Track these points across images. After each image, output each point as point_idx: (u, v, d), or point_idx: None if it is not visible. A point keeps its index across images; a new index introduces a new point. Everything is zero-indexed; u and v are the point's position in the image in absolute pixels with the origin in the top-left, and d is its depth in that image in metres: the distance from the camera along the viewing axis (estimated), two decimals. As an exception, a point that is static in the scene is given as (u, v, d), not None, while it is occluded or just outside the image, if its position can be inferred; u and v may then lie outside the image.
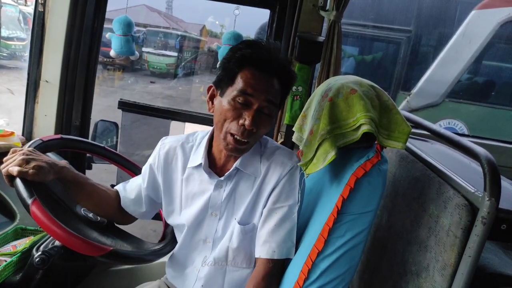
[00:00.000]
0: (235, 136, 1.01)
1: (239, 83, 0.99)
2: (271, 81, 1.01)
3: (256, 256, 1.07)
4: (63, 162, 1.11)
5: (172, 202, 1.16)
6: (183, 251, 1.16)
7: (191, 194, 1.12)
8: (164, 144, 1.18)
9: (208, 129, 1.19)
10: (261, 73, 1.00)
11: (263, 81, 1.00)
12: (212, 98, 1.08)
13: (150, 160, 1.20)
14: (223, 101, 1.02)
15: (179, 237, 1.16)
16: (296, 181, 1.07)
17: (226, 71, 1.02)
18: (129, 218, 1.24)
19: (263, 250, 1.04)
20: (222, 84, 1.03)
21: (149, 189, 1.19)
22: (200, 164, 1.10)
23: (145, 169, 1.20)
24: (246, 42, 1.04)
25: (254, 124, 0.99)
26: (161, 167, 1.16)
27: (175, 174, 1.15)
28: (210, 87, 1.09)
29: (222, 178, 1.09)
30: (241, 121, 0.99)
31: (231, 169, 1.08)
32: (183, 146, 1.16)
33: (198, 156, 1.12)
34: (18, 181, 0.96)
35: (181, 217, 1.14)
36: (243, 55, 1.00)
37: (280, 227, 1.04)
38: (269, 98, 1.00)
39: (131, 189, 1.21)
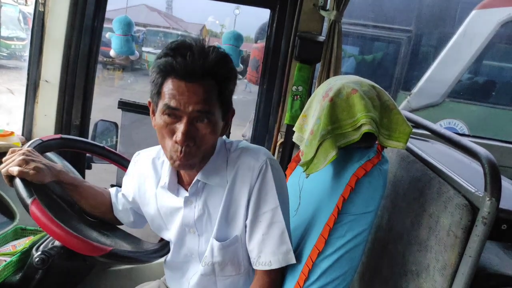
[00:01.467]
0: (175, 154, 0.91)
1: (164, 97, 0.88)
2: (200, 87, 0.87)
3: (254, 267, 1.03)
4: (60, 165, 1.11)
5: (154, 220, 1.14)
6: (175, 261, 1.15)
7: (168, 211, 1.08)
8: (136, 162, 1.16)
9: None
10: (183, 81, 0.87)
11: (188, 89, 0.86)
12: (154, 113, 0.96)
13: (126, 177, 1.19)
14: (157, 117, 0.92)
15: (171, 247, 1.15)
16: (270, 182, 0.97)
17: (152, 84, 0.92)
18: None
19: (259, 263, 1.00)
20: (154, 98, 0.93)
21: (131, 204, 1.19)
22: (165, 184, 1.04)
23: (124, 183, 1.19)
24: (168, 47, 0.90)
25: (188, 138, 0.88)
26: (137, 186, 1.14)
27: (148, 193, 1.11)
28: (149, 103, 0.98)
29: (188, 195, 1.02)
30: (174, 138, 0.89)
31: (193, 183, 1.00)
32: (154, 162, 1.10)
33: (164, 175, 1.05)
34: (18, 181, 0.96)
35: (169, 231, 1.12)
36: (161, 65, 0.88)
37: (268, 235, 0.98)
38: (199, 107, 0.87)
39: (120, 199, 1.20)
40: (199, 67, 0.87)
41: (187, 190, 1.03)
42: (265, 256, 0.99)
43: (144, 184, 1.12)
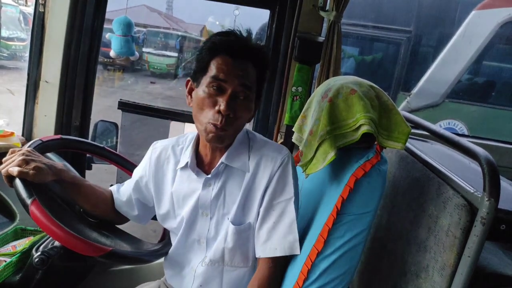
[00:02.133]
0: (214, 124, 0.99)
1: (211, 71, 0.99)
2: (244, 65, 1.00)
3: (257, 256, 1.05)
4: (60, 164, 1.12)
5: (164, 206, 1.15)
6: (179, 251, 1.15)
7: (181, 195, 1.11)
8: (155, 149, 1.18)
9: None
10: (233, 58, 0.99)
11: (235, 66, 0.99)
12: (190, 92, 1.07)
13: (141, 164, 1.20)
14: (199, 91, 1.01)
15: (174, 239, 1.15)
16: (289, 175, 1.04)
17: (199, 62, 1.02)
18: (126, 218, 1.24)
19: (265, 249, 1.03)
20: (197, 75, 1.03)
21: (139, 193, 1.19)
22: (187, 164, 1.09)
23: (136, 172, 1.20)
24: (217, 32, 1.04)
25: (230, 109, 0.97)
26: (152, 172, 1.15)
27: (166, 177, 1.14)
28: (188, 82, 1.09)
29: (209, 176, 1.07)
30: (216, 108, 0.98)
31: (217, 165, 1.06)
32: (173, 148, 1.15)
33: (185, 156, 1.11)
34: (18, 182, 0.96)
35: (175, 220, 1.13)
36: (213, 43, 1.00)
37: (279, 224, 1.03)
38: (243, 82, 0.99)
39: (123, 191, 1.20)
40: (248, 48, 1.01)
41: (205, 173, 1.09)
42: (271, 243, 1.02)
43: (162, 169, 1.15)
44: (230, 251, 1.07)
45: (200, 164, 1.11)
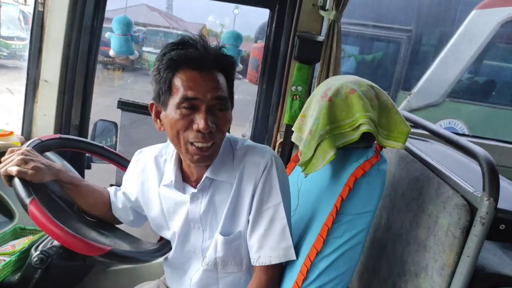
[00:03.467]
0: (197, 144, 0.92)
1: (178, 90, 0.89)
2: (212, 76, 0.91)
3: (253, 264, 1.03)
4: (59, 165, 1.11)
5: (156, 219, 1.14)
6: (177, 259, 1.14)
7: (171, 209, 1.09)
8: (138, 161, 1.15)
9: None
10: (198, 71, 0.89)
11: (203, 79, 0.89)
12: (158, 115, 0.98)
13: (128, 176, 1.18)
14: (169, 114, 0.92)
15: (173, 244, 1.14)
16: (275, 179, 0.99)
17: (160, 83, 0.92)
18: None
19: (259, 258, 1.00)
20: (161, 97, 0.93)
21: (131, 203, 1.19)
22: (171, 182, 1.05)
23: (125, 183, 1.19)
24: (171, 44, 0.93)
25: (211, 124, 0.90)
26: (139, 186, 1.14)
27: (151, 191, 1.11)
28: (151, 105, 0.98)
29: (196, 191, 1.03)
30: (194, 127, 0.90)
31: (203, 180, 1.01)
32: (156, 160, 1.11)
33: (169, 172, 1.06)
34: (17, 181, 0.96)
35: (169, 231, 1.12)
36: (170, 60, 0.89)
37: (270, 230, 0.99)
38: (216, 95, 0.90)
39: (120, 197, 1.20)
40: (210, 57, 0.91)
41: (192, 186, 1.05)
42: (265, 252, 1.00)
43: (147, 182, 1.12)
44: (222, 260, 1.05)
45: (186, 178, 1.07)
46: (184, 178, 1.07)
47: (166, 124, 0.95)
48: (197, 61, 0.89)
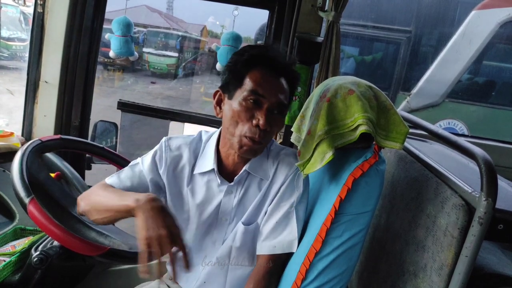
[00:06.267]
0: (251, 138, 0.98)
1: (248, 84, 0.98)
2: (280, 81, 1.01)
3: (257, 252, 1.07)
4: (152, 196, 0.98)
5: (179, 210, 1.11)
6: (191, 253, 1.13)
7: (199, 201, 1.09)
8: (169, 147, 1.10)
9: (206, 129, 1.18)
10: (270, 73, 0.99)
11: (272, 81, 1.00)
12: (219, 103, 1.06)
13: (149, 161, 1.09)
14: (233, 104, 1.00)
15: (188, 236, 1.11)
16: (300, 180, 1.06)
17: (233, 74, 1.01)
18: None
19: (264, 246, 1.05)
20: (230, 87, 1.01)
21: (145, 191, 1.08)
22: (212, 170, 1.06)
23: (143, 169, 1.09)
24: (251, 45, 1.05)
25: (268, 123, 0.98)
26: (169, 173, 1.09)
27: (182, 182, 1.10)
28: (216, 92, 1.06)
29: (232, 184, 1.06)
30: (254, 122, 0.97)
31: (240, 173, 1.06)
32: (190, 150, 1.10)
33: (206, 161, 1.07)
34: (16, 180, 0.97)
35: (191, 225, 1.11)
36: (251, 56, 1.00)
37: (281, 224, 1.05)
38: (280, 99, 1.00)
39: (126, 177, 1.10)
40: (285, 64, 1.02)
41: (226, 179, 1.08)
42: (271, 241, 1.04)
43: (179, 170, 1.09)
44: (236, 250, 1.08)
45: (220, 171, 1.09)
46: (220, 171, 1.09)
47: (227, 113, 1.02)
48: (272, 63, 0.99)
